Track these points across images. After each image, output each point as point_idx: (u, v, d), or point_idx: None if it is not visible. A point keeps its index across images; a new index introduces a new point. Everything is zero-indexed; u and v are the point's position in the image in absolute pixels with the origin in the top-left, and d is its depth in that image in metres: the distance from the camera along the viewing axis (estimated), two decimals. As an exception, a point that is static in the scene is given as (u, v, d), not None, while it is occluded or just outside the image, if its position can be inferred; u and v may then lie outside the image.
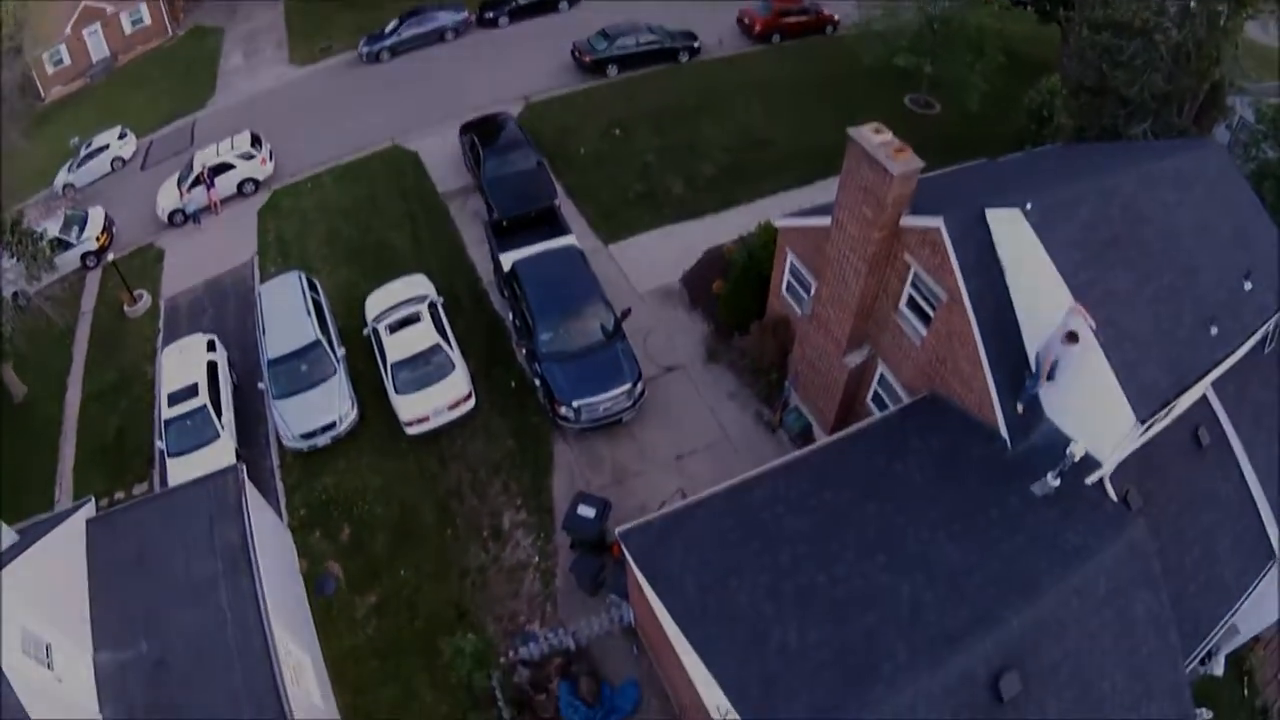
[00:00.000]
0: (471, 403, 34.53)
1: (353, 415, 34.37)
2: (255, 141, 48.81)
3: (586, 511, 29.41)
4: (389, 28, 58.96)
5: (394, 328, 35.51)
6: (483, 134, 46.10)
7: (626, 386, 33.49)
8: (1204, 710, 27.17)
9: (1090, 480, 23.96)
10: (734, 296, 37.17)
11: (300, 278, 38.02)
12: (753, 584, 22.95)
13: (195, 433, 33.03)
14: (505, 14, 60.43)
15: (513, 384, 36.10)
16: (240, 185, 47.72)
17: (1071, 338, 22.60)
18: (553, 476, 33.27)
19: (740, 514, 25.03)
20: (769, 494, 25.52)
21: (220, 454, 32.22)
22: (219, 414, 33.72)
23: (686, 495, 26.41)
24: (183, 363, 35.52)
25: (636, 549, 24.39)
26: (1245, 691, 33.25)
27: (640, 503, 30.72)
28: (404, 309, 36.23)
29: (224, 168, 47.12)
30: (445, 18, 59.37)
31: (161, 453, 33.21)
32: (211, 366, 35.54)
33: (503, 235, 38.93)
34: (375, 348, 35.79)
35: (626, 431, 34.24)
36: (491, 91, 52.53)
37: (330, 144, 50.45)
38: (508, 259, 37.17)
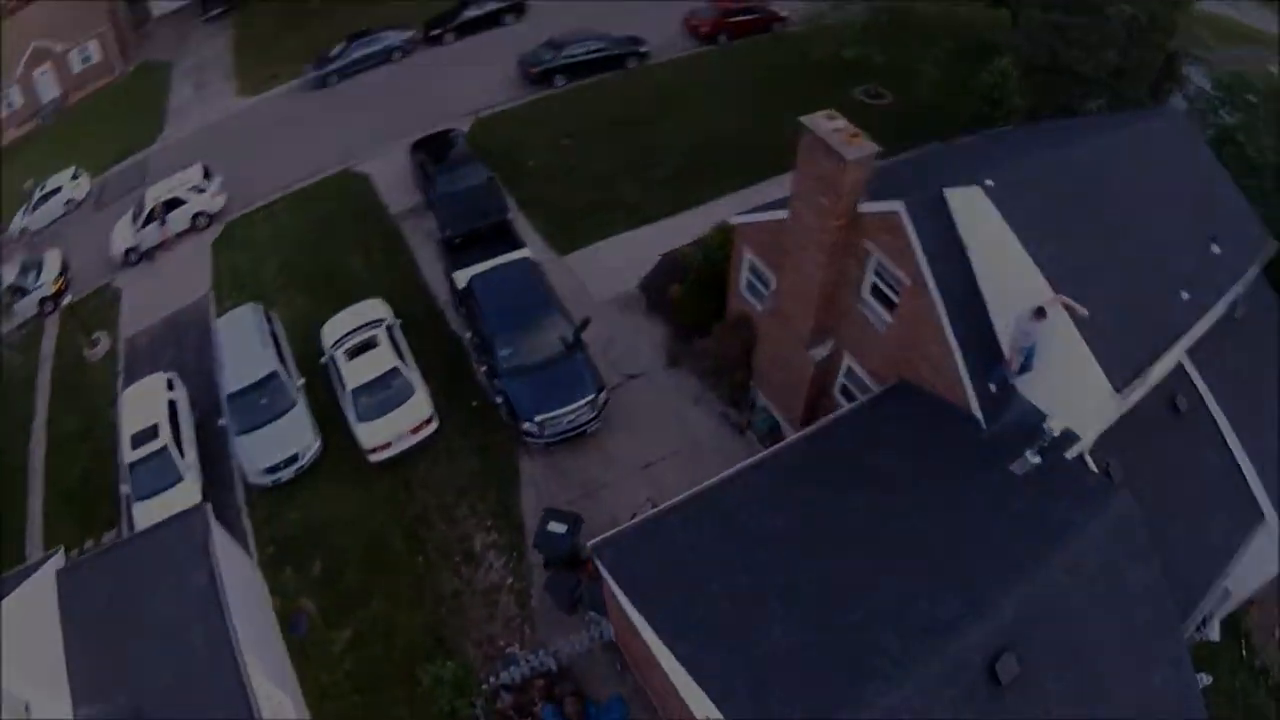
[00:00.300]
0: (434, 425, 34.26)
1: (315, 446, 34.03)
2: (206, 174, 48.40)
3: (557, 528, 29.07)
4: (335, 51, 58.56)
5: (352, 354, 35.22)
6: (432, 152, 46.12)
7: (589, 398, 33.33)
8: (1204, 675, 27.06)
9: (1070, 455, 23.94)
10: (693, 299, 37.09)
11: (256, 310, 37.80)
12: (733, 588, 22.70)
13: (159, 475, 32.61)
14: (452, 31, 60.14)
15: (474, 403, 35.82)
16: (193, 219, 47.27)
17: (1040, 313, 22.58)
18: (520, 494, 33.02)
19: (714, 517, 24.82)
20: (742, 495, 25.41)
21: (185, 495, 31.84)
22: (182, 454, 33.36)
23: (657, 504, 25.98)
24: (143, 404, 35.17)
25: (611, 562, 24.04)
26: (1244, 653, 33.48)
27: (611, 514, 30.29)
28: (361, 334, 35.91)
29: (176, 203, 46.66)
30: (392, 37, 59.12)
31: (127, 497, 32.77)
32: (172, 406, 35.14)
33: (456, 252, 38.97)
34: (334, 375, 35.42)
35: (592, 443, 34.08)
36: (440, 109, 52.22)
37: (281, 172, 50.10)
38: (462, 276, 37.16)
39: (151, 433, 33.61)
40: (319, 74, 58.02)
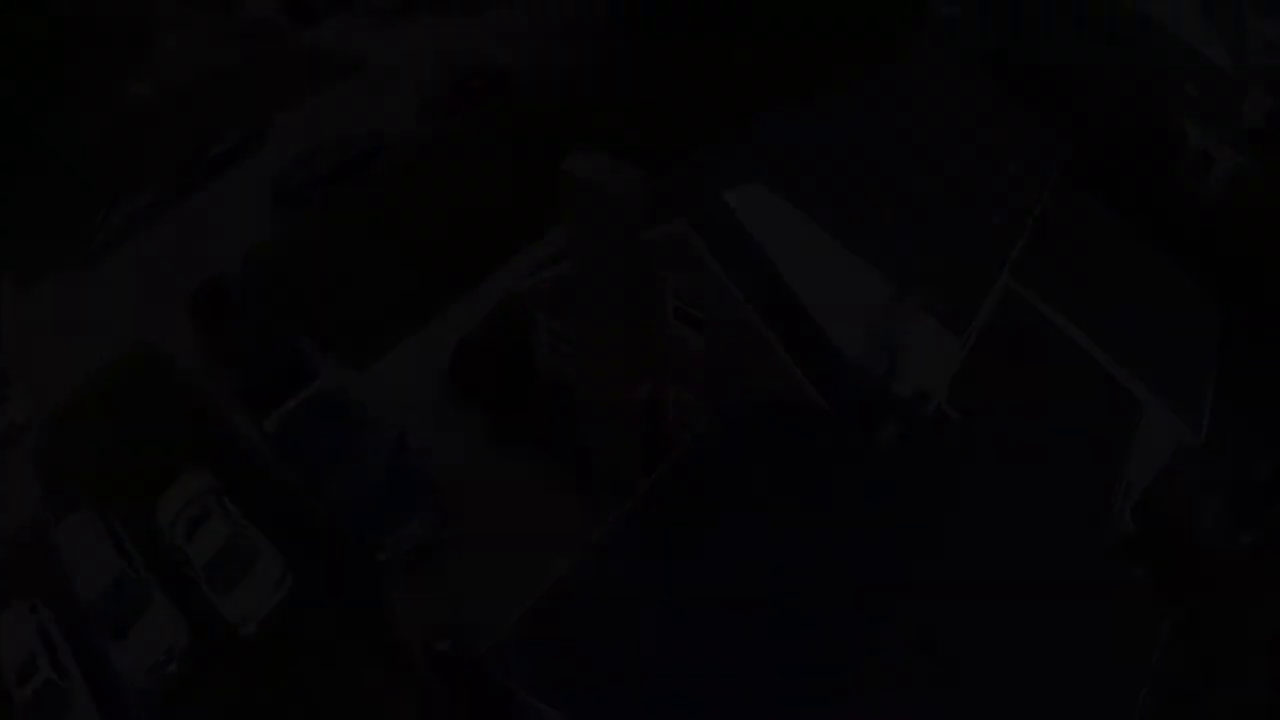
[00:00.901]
0: (290, 579, 34.57)
1: (185, 634, 34.03)
2: (5, 381, 47.80)
3: (443, 646, 29.79)
4: (98, 221, 56.98)
5: (190, 530, 35.42)
6: (207, 302, 46.41)
7: (430, 502, 34.31)
8: (1136, 569, 27.92)
9: (930, 411, 24.28)
10: (500, 377, 37.92)
11: (88, 514, 37.93)
12: (641, 648, 22.53)
13: (53, 706, 32.49)
14: (200, 174, 59.18)
15: (323, 544, 36.14)
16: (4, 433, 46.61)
17: (899, 295, 22.56)
18: (400, 623, 33.69)
19: (595, 586, 24.93)
20: (615, 555, 25.62)
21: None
22: (67, 678, 33.24)
23: (535, 594, 25.53)
24: (15, 639, 34.92)
25: (510, 669, 23.97)
26: (1167, 531, 34.64)
27: (493, 613, 27.78)
28: (193, 508, 36.07)
29: (-15, 420, 45.64)
30: (145, 198, 58.11)
31: (37, 738, 32.41)
32: (43, 632, 34.92)
33: (257, 399, 39.23)
34: (182, 556, 35.58)
35: (450, 547, 34.94)
36: (212, 253, 51.43)
37: (77, 361, 48.99)
38: (272, 420, 37.59)
39: (31, 664, 33.44)
40: (88, 250, 56.61)
